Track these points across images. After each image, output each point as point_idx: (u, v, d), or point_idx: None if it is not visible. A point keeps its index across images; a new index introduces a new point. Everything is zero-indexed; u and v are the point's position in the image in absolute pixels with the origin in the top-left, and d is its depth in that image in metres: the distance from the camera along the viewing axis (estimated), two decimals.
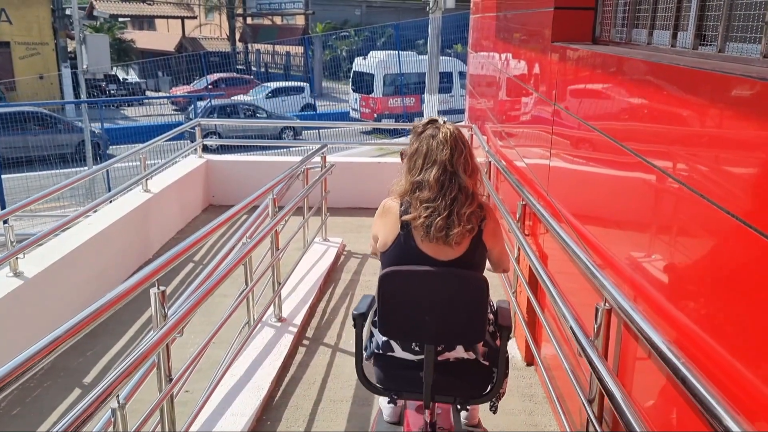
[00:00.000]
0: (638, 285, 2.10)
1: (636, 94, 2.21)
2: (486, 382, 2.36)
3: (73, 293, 4.52)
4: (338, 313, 4.55)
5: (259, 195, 3.89)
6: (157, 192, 5.98)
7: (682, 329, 1.81)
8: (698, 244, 1.79)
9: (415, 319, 2.22)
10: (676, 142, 1.90)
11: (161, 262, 2.34)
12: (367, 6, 36.98)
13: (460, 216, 2.21)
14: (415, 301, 2.22)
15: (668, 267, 1.94)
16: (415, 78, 22.55)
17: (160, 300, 2.20)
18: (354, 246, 6.13)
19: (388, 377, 2.40)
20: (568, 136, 3.07)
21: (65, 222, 4.45)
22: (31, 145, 14.08)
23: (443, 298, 2.20)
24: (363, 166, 7.73)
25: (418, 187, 2.30)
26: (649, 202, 2.08)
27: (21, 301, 3.88)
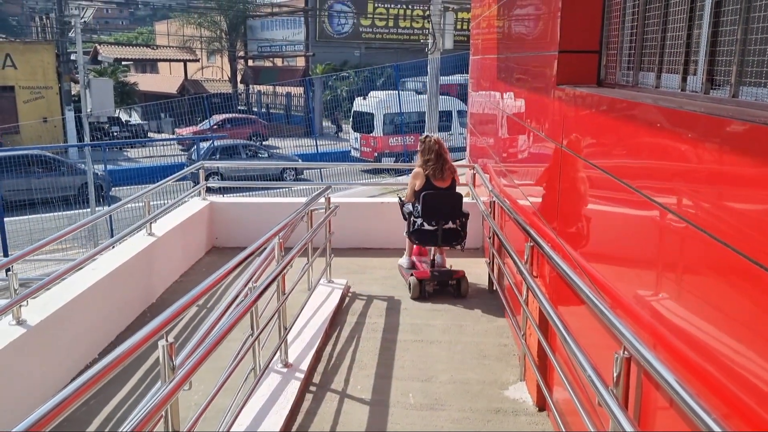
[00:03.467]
0: (658, 332, 2.06)
1: (648, 138, 2.20)
2: (460, 237, 5.96)
3: (77, 341, 4.46)
4: (345, 357, 4.48)
5: (266, 240, 3.86)
6: (160, 235, 5.96)
7: (707, 379, 1.76)
8: (721, 288, 1.76)
9: (435, 210, 5.79)
10: (693, 185, 1.89)
11: (169, 315, 2.30)
12: (366, 47, 37.57)
13: (445, 169, 5.87)
14: (435, 203, 5.79)
15: (689, 312, 1.90)
16: (414, 117, 22.77)
17: (168, 353, 2.15)
18: (359, 287, 6.08)
19: (422, 238, 5.95)
20: (577, 178, 3.06)
21: (69, 268, 4.41)
22: (34, 188, 14.12)
23: (445, 202, 5.86)
24: (366, 206, 7.73)
25: (428, 161, 5.86)
26: (666, 245, 2.06)
27: (24, 350, 3.82)
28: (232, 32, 38.75)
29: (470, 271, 6.59)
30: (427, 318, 5.30)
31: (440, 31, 19.16)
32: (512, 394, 3.97)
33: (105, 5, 66.72)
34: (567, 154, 3.17)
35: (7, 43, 27.76)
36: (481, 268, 6.67)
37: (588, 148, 2.88)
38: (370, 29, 37.92)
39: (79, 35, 15.35)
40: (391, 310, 5.50)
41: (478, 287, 6.09)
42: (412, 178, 6.02)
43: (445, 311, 5.46)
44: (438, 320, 5.25)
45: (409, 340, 4.81)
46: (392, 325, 5.11)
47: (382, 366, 4.33)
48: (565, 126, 3.20)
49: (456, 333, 4.97)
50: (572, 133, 3.11)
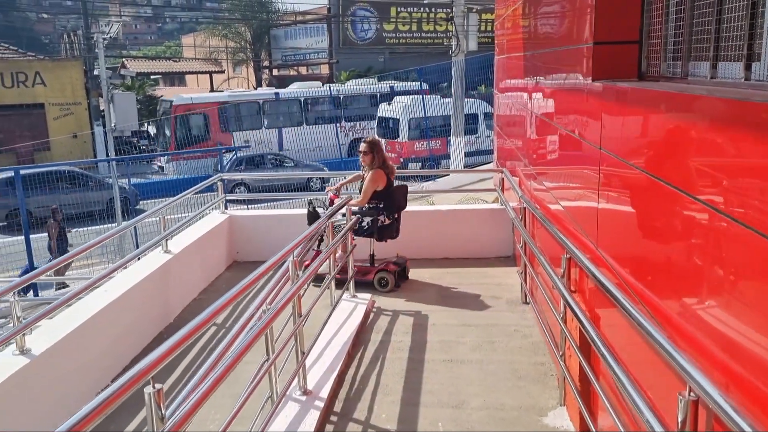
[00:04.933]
0: (731, 369, 1.72)
1: (712, 136, 1.86)
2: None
3: (87, 368, 4.24)
4: (369, 381, 4.18)
5: (280, 258, 3.58)
6: (177, 252, 5.74)
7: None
8: None
9: (397, 203, 6.24)
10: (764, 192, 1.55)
11: (154, 359, 2.02)
12: (390, 53, 37.35)
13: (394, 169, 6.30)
14: (397, 197, 6.24)
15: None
16: (440, 121, 22.43)
17: (156, 401, 1.87)
18: (384, 302, 5.78)
19: (383, 233, 6.17)
20: (622, 183, 2.72)
21: (76, 293, 4.19)
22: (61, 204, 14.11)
23: (400, 194, 6.32)
24: None
25: (384, 160, 6.16)
26: (738, 264, 1.72)
27: (27, 382, 3.61)
28: (257, 42, 38.91)
29: (501, 282, 6.26)
30: (456, 334, 4.97)
31: (464, 33, 18.81)
32: (552, 422, 3.63)
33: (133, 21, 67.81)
34: (607, 156, 2.83)
35: (37, 61, 28.17)
36: (511, 278, 6.32)
37: (634, 150, 2.53)
38: (393, 34, 37.69)
39: (101, 51, 15.39)
40: (418, 326, 5.18)
41: (509, 299, 5.74)
42: (374, 181, 6.00)
43: (476, 326, 5.13)
44: (468, 336, 4.91)
45: (438, 359, 4.49)
46: (419, 344, 4.79)
47: (408, 390, 4.01)
48: (605, 125, 2.87)
49: (488, 351, 4.64)
50: (614, 133, 2.78)
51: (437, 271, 6.65)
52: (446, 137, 21.18)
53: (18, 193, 11.32)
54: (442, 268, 6.72)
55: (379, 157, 6.10)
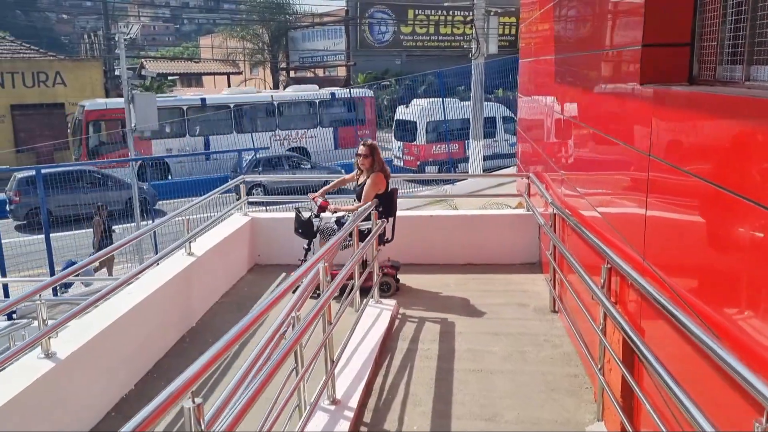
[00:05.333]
0: None
1: None
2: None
3: (112, 372, 4.18)
4: (398, 391, 4.07)
5: (311, 266, 3.49)
6: (200, 255, 5.67)
7: None
8: None
9: (394, 206, 6.14)
10: None
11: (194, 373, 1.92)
12: (407, 55, 37.27)
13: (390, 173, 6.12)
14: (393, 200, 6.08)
15: None
16: (458, 124, 22.28)
17: (195, 416, 1.78)
18: (409, 308, 5.68)
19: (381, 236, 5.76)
20: (677, 192, 2.60)
21: (100, 296, 4.13)
22: (80, 203, 14.16)
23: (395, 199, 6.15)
24: (414, 219, 7.31)
25: (383, 164, 6.06)
26: None
27: (53, 386, 3.54)
28: (274, 44, 39.01)
29: (527, 289, 6.13)
30: (484, 343, 4.86)
31: (484, 36, 18.67)
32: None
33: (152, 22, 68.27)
34: (658, 163, 2.71)
35: (57, 60, 28.39)
36: (537, 286, 6.20)
37: (692, 157, 2.41)
38: (410, 37, 37.62)
39: (122, 51, 15.40)
40: (446, 334, 5.07)
41: (537, 307, 5.61)
42: (375, 185, 5.89)
43: (504, 335, 5.00)
44: (497, 346, 4.79)
45: (468, 369, 4.37)
46: (447, 352, 4.68)
47: (439, 401, 3.90)
48: (656, 131, 2.74)
49: (518, 361, 4.51)
50: (666, 139, 2.65)
51: (461, 277, 6.54)
52: (464, 141, 21.05)
53: (39, 192, 11.34)
54: (466, 274, 6.60)
55: (379, 160, 6.01)
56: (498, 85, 26.88)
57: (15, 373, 3.41)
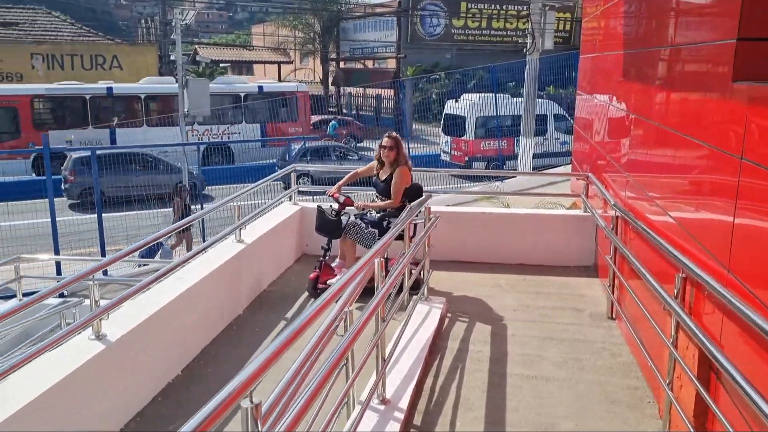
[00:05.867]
0: None
1: None
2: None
3: (160, 356, 4.15)
4: (448, 394, 3.93)
5: (369, 259, 3.37)
6: (249, 242, 5.62)
7: None
8: None
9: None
10: None
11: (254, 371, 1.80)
12: (458, 49, 36.86)
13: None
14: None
15: None
16: (508, 120, 21.89)
17: (253, 416, 1.67)
18: (459, 306, 5.52)
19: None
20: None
21: (151, 280, 4.09)
22: (131, 185, 14.41)
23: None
24: (466, 216, 7.15)
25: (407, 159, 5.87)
26: None
27: (103, 368, 3.51)
28: (326, 34, 39.05)
29: (583, 293, 5.90)
30: (538, 347, 4.67)
31: (540, 31, 18.25)
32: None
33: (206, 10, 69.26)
34: (752, 167, 2.49)
35: (115, 44, 29.06)
36: (593, 290, 5.96)
37: None
38: (462, 31, 37.17)
39: (179, 36, 15.57)
40: (497, 336, 4.90)
41: (593, 312, 5.38)
42: (403, 179, 5.73)
43: (559, 341, 4.80)
44: (551, 351, 4.60)
45: (521, 374, 4.20)
46: (499, 355, 4.51)
47: (492, 408, 3.74)
48: (752, 133, 2.52)
49: (575, 369, 4.31)
50: (763, 142, 2.43)
51: (513, 277, 6.34)
52: (514, 137, 20.68)
53: (93, 172, 11.55)
54: (518, 275, 6.40)
55: (403, 153, 5.84)
56: (550, 81, 26.37)
57: (66, 354, 3.39)
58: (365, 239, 5.70)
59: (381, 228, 5.67)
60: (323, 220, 5.83)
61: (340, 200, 5.86)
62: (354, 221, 5.79)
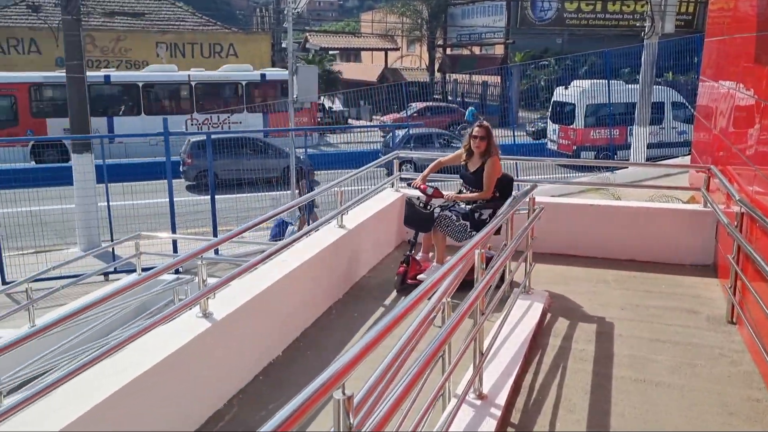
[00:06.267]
0: None
1: None
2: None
3: (262, 336, 4.28)
4: (548, 393, 3.78)
5: (466, 253, 3.29)
6: (351, 228, 5.68)
7: None
8: None
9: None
10: None
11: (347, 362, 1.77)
12: (569, 34, 35.51)
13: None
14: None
15: None
16: (621, 108, 20.81)
17: (345, 408, 1.65)
18: (562, 301, 5.31)
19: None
20: None
21: (256, 261, 4.21)
22: (243, 168, 15.03)
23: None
24: (573, 207, 6.85)
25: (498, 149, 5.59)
26: None
27: (208, 345, 3.66)
28: (433, 20, 38.82)
29: (699, 294, 5.51)
30: (648, 349, 4.40)
31: (660, 13, 17.20)
32: None
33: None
34: None
35: (231, 33, 30.32)
36: (711, 291, 5.55)
37: None
38: (575, 14, 35.72)
39: (290, 24, 15.98)
40: (602, 335, 4.67)
41: (710, 315, 5.01)
42: (497, 169, 5.57)
43: (671, 343, 4.51)
44: (663, 354, 4.32)
45: (628, 378, 3.97)
46: (605, 356, 4.29)
47: (595, 411, 3.57)
48: None
49: (688, 375, 4.03)
50: None
51: (622, 273, 6.03)
52: (626, 126, 19.66)
53: (208, 156, 12.13)
54: (627, 271, 6.07)
55: (494, 143, 5.62)
56: (669, 67, 24.85)
57: (174, 331, 3.56)
58: (457, 232, 5.48)
59: (472, 220, 5.47)
60: (414, 213, 5.63)
61: (429, 192, 5.64)
62: (445, 213, 5.56)
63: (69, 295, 9.32)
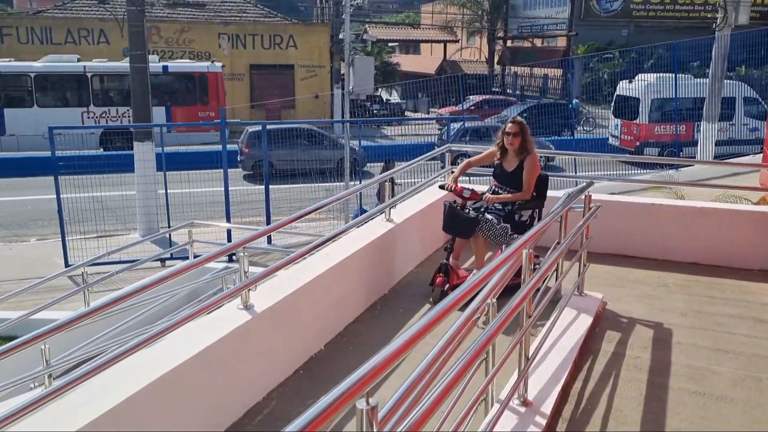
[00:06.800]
0: None
1: None
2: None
3: (304, 330, 4.23)
4: (599, 401, 3.59)
5: (513, 252, 3.13)
6: (399, 222, 5.57)
7: None
8: None
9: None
10: None
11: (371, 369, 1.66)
12: (635, 26, 34.32)
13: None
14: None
15: None
16: (688, 104, 19.90)
17: (368, 418, 1.54)
18: (617, 305, 5.07)
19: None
20: None
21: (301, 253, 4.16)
22: (298, 159, 15.13)
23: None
24: (631, 206, 6.55)
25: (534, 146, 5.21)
26: None
27: (249, 337, 3.63)
28: (494, 11, 38.17)
29: (766, 302, 5.17)
30: (709, 360, 4.14)
31: (733, 4, 16.37)
32: None
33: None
34: None
35: (291, 25, 30.55)
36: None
37: None
38: (642, 6, 34.50)
39: (347, 16, 15.99)
40: (659, 342, 4.42)
41: None
42: (536, 168, 5.20)
43: (735, 354, 4.23)
44: (725, 365, 4.06)
45: (686, 389, 3.73)
46: (661, 365, 4.05)
47: (648, 423, 3.36)
48: None
49: (753, 389, 3.76)
50: None
51: (683, 277, 5.71)
52: (694, 122, 18.80)
53: (263, 145, 12.24)
54: (689, 275, 5.76)
55: (530, 139, 5.17)
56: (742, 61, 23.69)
57: (212, 323, 3.53)
58: (498, 236, 5.10)
59: (513, 222, 5.12)
60: (456, 218, 5.15)
61: (466, 194, 5.22)
62: (486, 217, 5.13)
63: (126, 279, 9.60)
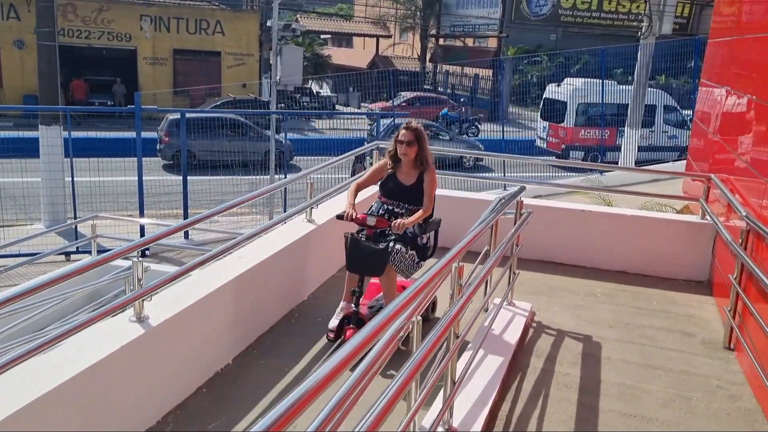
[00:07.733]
0: None
1: None
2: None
3: (208, 343, 3.78)
4: (527, 424, 3.34)
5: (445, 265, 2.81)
6: (321, 223, 5.18)
7: None
8: None
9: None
10: None
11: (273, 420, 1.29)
12: (563, 30, 35.12)
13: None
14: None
15: None
16: (612, 109, 20.48)
17: None
18: (545, 315, 4.88)
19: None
20: None
21: (206, 258, 3.72)
22: (221, 150, 14.43)
23: None
24: (561, 212, 6.40)
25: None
26: None
27: (140, 353, 3.16)
28: (427, 9, 38.18)
29: (693, 314, 5.11)
30: (638, 377, 3.97)
31: (658, 14, 16.81)
32: None
33: None
34: None
35: (219, 10, 29.43)
36: (706, 311, 5.15)
37: None
38: (570, 11, 35.33)
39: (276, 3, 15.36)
40: (589, 357, 4.24)
41: (706, 339, 4.60)
42: (435, 182, 4.30)
43: (663, 370, 4.09)
44: (654, 384, 3.90)
45: (617, 412, 3.54)
46: (591, 383, 3.85)
47: None
48: None
49: (683, 410, 3.61)
50: None
51: (610, 286, 5.61)
52: (617, 128, 19.31)
53: (182, 134, 11.55)
54: (616, 284, 5.66)
55: (427, 147, 4.33)
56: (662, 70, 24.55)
57: (99, 338, 3.05)
58: (408, 267, 4.22)
59: (417, 247, 4.25)
60: (363, 252, 4.12)
61: (370, 222, 4.18)
62: (394, 247, 4.13)
63: (24, 274, 8.76)
